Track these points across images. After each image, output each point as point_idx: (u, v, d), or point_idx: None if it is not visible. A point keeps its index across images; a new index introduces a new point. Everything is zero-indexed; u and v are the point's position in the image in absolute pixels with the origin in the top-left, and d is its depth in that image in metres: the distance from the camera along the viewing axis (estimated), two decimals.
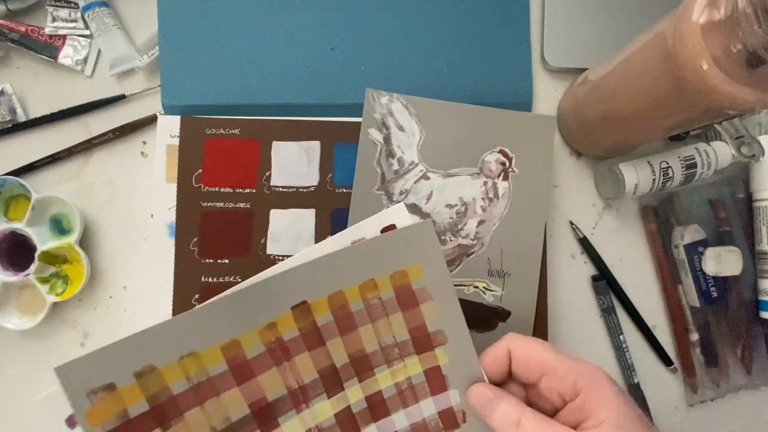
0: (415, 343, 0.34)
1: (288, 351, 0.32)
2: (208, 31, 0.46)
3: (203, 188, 0.45)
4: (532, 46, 0.48)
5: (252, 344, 0.31)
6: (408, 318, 0.33)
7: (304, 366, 0.32)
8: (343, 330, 0.33)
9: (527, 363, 0.32)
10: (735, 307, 0.47)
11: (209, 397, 0.30)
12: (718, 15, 0.29)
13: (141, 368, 0.28)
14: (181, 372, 0.29)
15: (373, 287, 0.33)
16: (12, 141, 0.47)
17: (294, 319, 0.31)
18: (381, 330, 0.33)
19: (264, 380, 0.31)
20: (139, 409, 0.28)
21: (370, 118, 0.45)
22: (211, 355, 0.30)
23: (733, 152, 0.44)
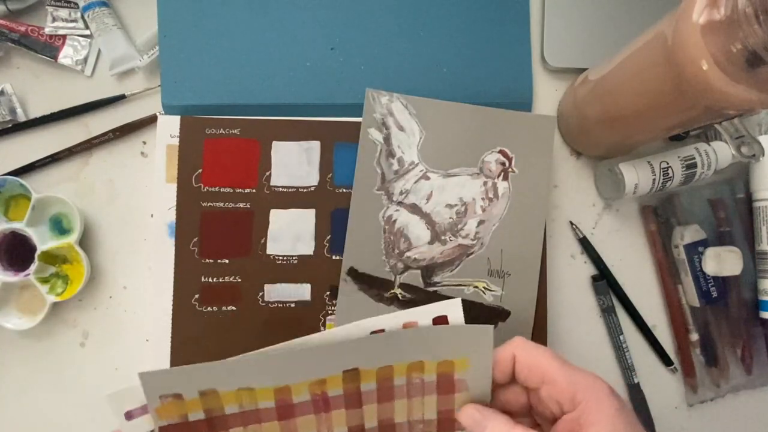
0: (439, 423, 0.36)
1: (329, 404, 0.35)
2: (208, 31, 0.46)
3: (203, 188, 0.45)
4: (532, 46, 0.48)
5: (300, 392, 0.34)
6: (441, 401, 0.36)
7: (338, 420, 0.36)
8: (381, 398, 0.36)
9: (530, 370, 0.32)
10: (735, 307, 0.47)
11: (253, 423, 0.35)
12: (718, 15, 0.29)
13: (205, 389, 0.33)
14: (235, 399, 0.34)
15: (420, 368, 0.35)
16: (12, 141, 0.47)
17: (343, 380, 0.35)
18: (414, 406, 0.36)
19: (301, 422, 0.35)
20: (196, 417, 0.34)
21: (370, 118, 0.45)
22: (264, 393, 0.34)
23: (733, 152, 0.44)
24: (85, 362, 0.46)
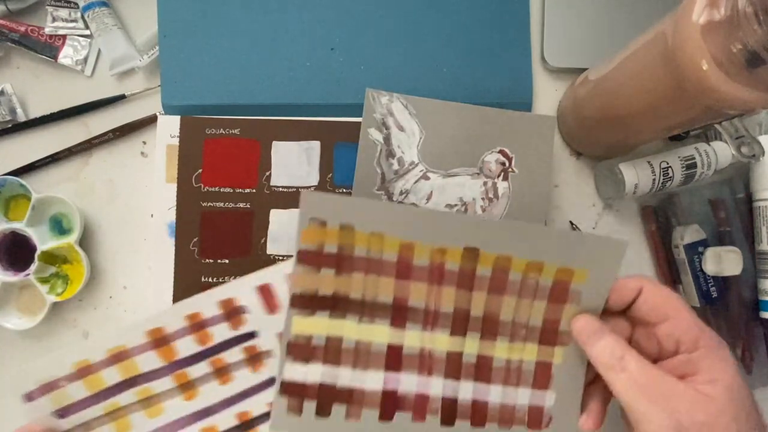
0: (542, 332, 0.37)
1: (443, 277, 0.36)
2: (208, 31, 0.46)
3: (203, 188, 0.45)
4: (532, 46, 0.48)
5: (422, 255, 0.36)
6: (549, 309, 0.37)
7: (447, 297, 0.37)
8: (492, 289, 0.37)
9: (657, 304, 0.33)
10: (735, 307, 0.47)
11: (373, 273, 0.36)
12: (718, 15, 0.29)
13: (346, 223, 0.36)
14: (366, 242, 0.36)
15: (538, 268, 0.36)
16: (12, 141, 0.47)
17: (461, 256, 0.36)
18: (522, 307, 0.37)
19: (414, 287, 0.37)
20: (330, 249, 0.36)
21: (370, 118, 0.45)
22: (392, 243, 0.36)
23: (733, 152, 0.44)
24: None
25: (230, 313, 0.37)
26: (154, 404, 0.37)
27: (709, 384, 0.30)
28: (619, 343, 0.32)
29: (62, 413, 0.35)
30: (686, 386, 0.30)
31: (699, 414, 0.29)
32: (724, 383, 0.30)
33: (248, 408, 0.38)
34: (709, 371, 0.30)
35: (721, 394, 0.29)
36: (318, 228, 0.36)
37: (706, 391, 0.30)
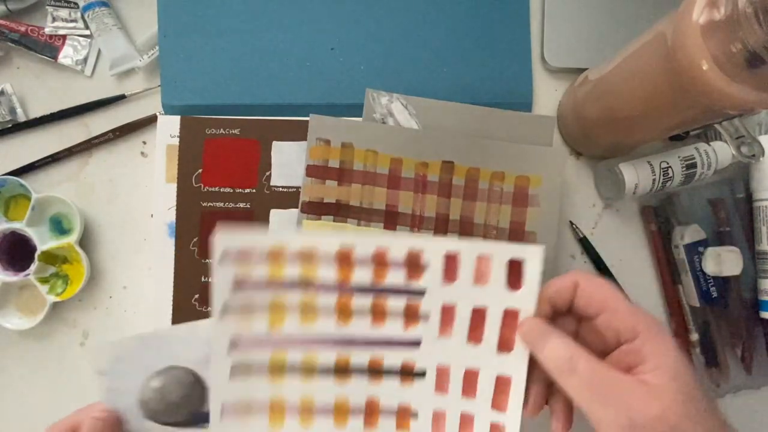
0: (510, 233, 0.44)
1: (425, 187, 0.44)
2: (208, 31, 0.46)
3: (203, 188, 0.45)
4: (532, 46, 0.48)
5: (408, 168, 0.44)
6: (515, 213, 0.44)
7: (429, 204, 0.45)
8: (466, 196, 0.45)
9: (591, 296, 0.32)
10: (735, 307, 0.47)
11: (368, 184, 0.44)
12: (718, 15, 0.29)
13: (346, 141, 0.44)
14: (363, 158, 0.44)
15: (500, 177, 0.44)
16: (12, 141, 0.47)
17: (440, 168, 0.44)
18: (491, 211, 0.44)
19: (402, 195, 0.45)
20: (334, 164, 0.44)
21: (370, 118, 0.45)
22: (384, 159, 0.44)
23: (733, 152, 0.44)
24: (85, 362, 0.46)
25: (412, 265, 0.37)
26: (310, 314, 0.37)
27: (654, 372, 0.30)
28: (566, 343, 0.31)
29: (238, 285, 0.36)
30: (634, 381, 0.30)
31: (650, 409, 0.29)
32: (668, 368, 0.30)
33: (382, 357, 0.37)
34: (651, 358, 0.30)
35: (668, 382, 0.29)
36: (323, 146, 0.44)
37: (651, 381, 0.30)
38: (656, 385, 0.29)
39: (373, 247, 0.36)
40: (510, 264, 0.35)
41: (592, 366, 0.30)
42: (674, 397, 0.29)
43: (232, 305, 0.36)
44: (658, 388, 0.29)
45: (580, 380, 0.30)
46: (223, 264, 0.35)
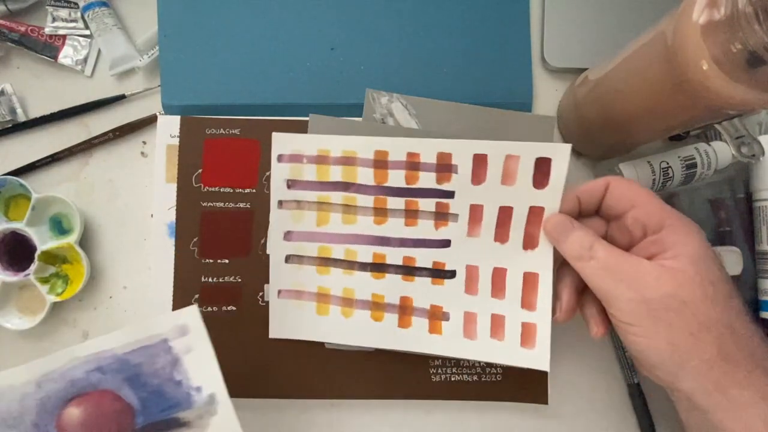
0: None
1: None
2: (208, 31, 0.46)
3: (203, 188, 0.45)
4: (532, 46, 0.48)
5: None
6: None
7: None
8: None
9: (622, 195, 0.34)
10: None
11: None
12: (718, 15, 0.29)
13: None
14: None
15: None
16: (12, 141, 0.47)
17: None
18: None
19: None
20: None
21: (370, 119, 0.45)
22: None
23: (733, 152, 0.44)
24: None
25: (442, 167, 0.40)
26: (352, 213, 0.41)
27: (674, 258, 0.31)
28: (587, 234, 0.33)
29: (291, 184, 0.42)
30: (651, 263, 0.31)
31: (664, 287, 0.30)
32: (689, 255, 0.30)
33: (415, 255, 0.41)
34: (674, 247, 0.31)
35: (686, 265, 0.30)
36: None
37: (670, 265, 0.30)
38: (673, 267, 0.30)
39: (405, 152, 0.40)
40: (537, 162, 0.37)
41: (611, 252, 0.32)
42: (690, 278, 0.30)
43: (286, 200, 0.42)
44: (674, 270, 0.30)
45: (596, 263, 0.32)
46: (278, 163, 0.42)
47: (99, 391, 0.31)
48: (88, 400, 0.31)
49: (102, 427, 0.31)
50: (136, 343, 0.32)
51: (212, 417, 0.32)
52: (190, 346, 0.33)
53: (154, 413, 0.32)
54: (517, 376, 0.44)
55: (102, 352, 0.32)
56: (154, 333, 0.32)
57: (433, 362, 0.44)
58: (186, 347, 0.33)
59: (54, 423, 0.31)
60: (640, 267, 0.31)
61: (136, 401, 0.32)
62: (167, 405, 0.32)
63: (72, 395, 0.31)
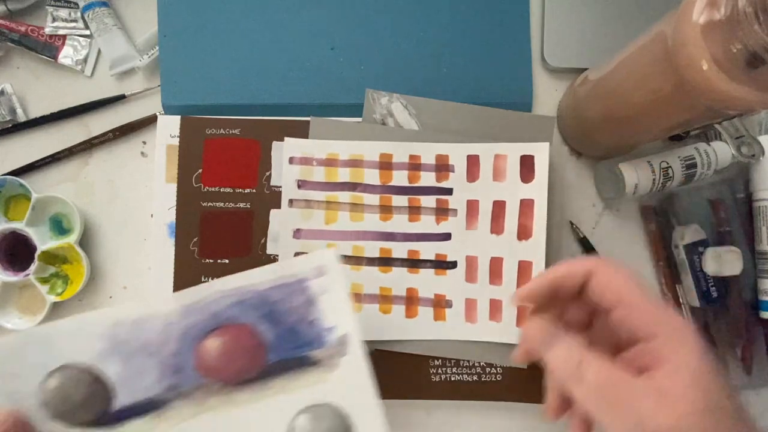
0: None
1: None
2: (208, 31, 0.46)
3: (203, 188, 0.45)
4: (532, 46, 0.48)
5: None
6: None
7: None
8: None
9: (607, 286, 0.29)
10: (735, 307, 0.47)
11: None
12: (718, 15, 0.29)
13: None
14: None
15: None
16: (12, 141, 0.47)
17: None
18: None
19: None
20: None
21: (370, 119, 0.45)
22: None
23: (733, 152, 0.44)
24: None
25: (440, 167, 0.44)
26: (359, 211, 0.44)
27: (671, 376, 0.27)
28: (573, 348, 0.29)
29: (301, 184, 0.44)
30: (647, 386, 0.27)
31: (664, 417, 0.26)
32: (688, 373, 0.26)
33: (419, 248, 0.43)
34: (670, 360, 0.27)
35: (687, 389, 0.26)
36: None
37: (668, 387, 0.26)
38: (671, 391, 0.26)
39: (407, 154, 0.44)
40: (522, 160, 0.43)
41: (602, 371, 0.28)
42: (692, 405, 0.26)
43: (296, 199, 0.44)
44: (674, 395, 0.26)
45: (587, 387, 0.28)
46: (290, 165, 0.44)
47: (237, 325, 0.32)
48: (226, 333, 0.32)
49: (237, 360, 0.32)
50: (275, 281, 0.33)
51: (342, 357, 0.33)
52: (326, 288, 0.33)
53: (286, 350, 0.33)
54: (517, 376, 0.44)
55: (244, 287, 0.33)
56: (293, 272, 0.33)
57: (433, 362, 0.44)
58: (322, 288, 0.33)
59: (192, 353, 0.32)
60: (635, 391, 0.27)
61: (270, 337, 0.32)
62: (299, 343, 0.33)
63: (212, 327, 0.32)
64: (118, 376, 0.32)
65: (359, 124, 0.45)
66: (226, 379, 0.32)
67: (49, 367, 0.31)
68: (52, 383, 0.31)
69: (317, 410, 0.32)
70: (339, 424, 0.32)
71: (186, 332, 0.32)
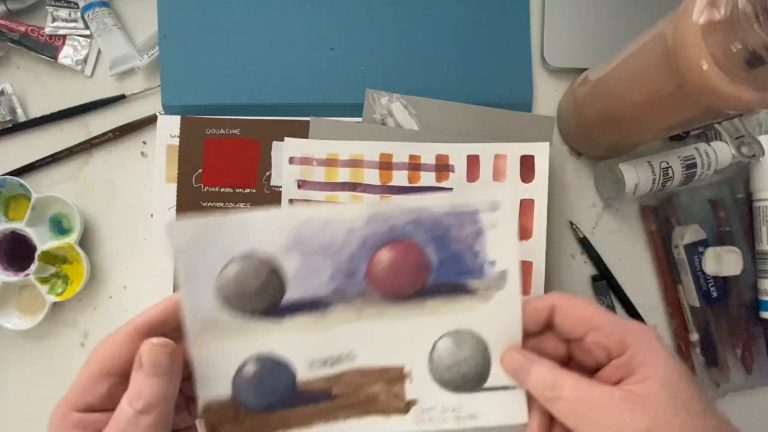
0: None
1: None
2: (208, 31, 0.46)
3: (203, 188, 0.45)
4: (532, 46, 0.48)
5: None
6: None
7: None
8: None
9: (572, 317, 0.31)
10: (735, 307, 0.47)
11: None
12: (718, 15, 0.29)
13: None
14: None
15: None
16: (12, 141, 0.47)
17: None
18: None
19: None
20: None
21: (370, 119, 0.45)
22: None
23: (733, 152, 0.44)
24: None
25: (440, 167, 0.44)
26: None
27: (643, 382, 0.29)
28: (548, 369, 0.31)
29: (301, 184, 0.44)
30: (621, 394, 0.29)
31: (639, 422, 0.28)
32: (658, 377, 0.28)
33: None
34: (640, 369, 0.29)
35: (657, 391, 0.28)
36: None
37: (640, 392, 0.28)
38: (644, 395, 0.28)
39: (407, 154, 0.44)
40: (522, 160, 0.42)
41: (578, 387, 0.29)
42: (664, 406, 0.28)
43: (296, 198, 0.44)
44: (647, 399, 0.28)
45: (566, 404, 0.30)
46: (290, 165, 0.44)
47: (408, 242, 0.33)
48: (398, 247, 0.33)
49: (402, 275, 0.33)
50: (451, 208, 0.33)
51: (498, 291, 0.33)
52: (496, 222, 0.33)
53: (447, 275, 0.34)
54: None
55: (422, 208, 0.33)
56: (469, 202, 0.33)
57: None
58: (492, 222, 0.33)
59: (366, 260, 0.33)
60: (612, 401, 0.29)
61: (435, 260, 0.33)
62: (460, 270, 0.34)
63: (387, 240, 0.33)
64: (294, 271, 0.33)
65: (359, 124, 0.45)
66: (388, 291, 0.33)
67: (233, 252, 0.32)
68: (233, 268, 0.32)
69: (461, 336, 0.34)
70: (478, 353, 0.33)
71: (365, 240, 0.33)
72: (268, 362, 0.33)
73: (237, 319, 0.32)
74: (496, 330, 0.33)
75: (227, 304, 0.32)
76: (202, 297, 0.32)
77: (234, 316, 0.32)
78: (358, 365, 0.34)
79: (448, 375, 0.34)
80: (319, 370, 0.33)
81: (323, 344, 0.33)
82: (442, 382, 0.34)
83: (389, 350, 0.34)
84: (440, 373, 0.34)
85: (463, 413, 0.34)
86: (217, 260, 0.32)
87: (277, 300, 0.33)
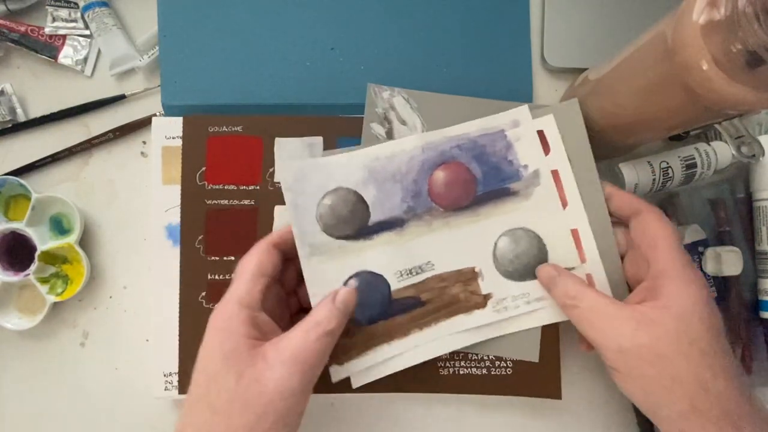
0: None
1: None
2: (208, 31, 0.46)
3: (207, 186, 0.45)
4: (532, 46, 0.48)
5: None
6: None
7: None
8: None
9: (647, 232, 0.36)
10: (735, 307, 0.47)
11: None
12: (718, 15, 0.29)
13: None
14: None
15: None
16: (12, 141, 0.47)
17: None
18: None
19: None
20: None
21: (372, 113, 0.45)
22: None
23: (733, 152, 0.44)
24: (85, 362, 0.46)
25: None
26: None
27: (660, 309, 0.31)
28: (573, 283, 0.35)
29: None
30: (632, 311, 0.32)
31: (639, 338, 0.30)
32: (677, 308, 0.31)
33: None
34: (666, 297, 0.31)
35: (668, 320, 0.30)
36: None
37: (653, 315, 0.31)
38: (654, 319, 0.31)
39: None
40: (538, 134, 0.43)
41: (594, 300, 0.33)
42: (668, 331, 0.30)
43: None
44: (654, 321, 0.31)
45: (580, 312, 0.34)
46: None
47: (456, 163, 0.42)
48: (449, 167, 0.41)
49: (456, 189, 0.41)
50: (482, 131, 0.42)
51: (536, 188, 0.41)
52: (520, 136, 0.42)
53: (492, 183, 0.42)
54: (527, 370, 0.43)
55: (461, 135, 0.42)
56: (495, 124, 0.42)
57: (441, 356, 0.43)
58: (516, 136, 0.42)
59: (426, 181, 0.41)
60: (621, 314, 0.32)
61: (479, 173, 0.42)
62: (501, 177, 0.42)
63: (440, 162, 0.42)
64: (374, 197, 0.41)
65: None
66: (447, 205, 0.41)
67: (326, 188, 0.41)
68: (327, 200, 0.40)
69: (516, 233, 0.41)
70: (534, 245, 0.40)
71: (423, 165, 0.42)
72: (368, 275, 0.40)
73: (336, 241, 0.40)
74: (543, 221, 0.41)
75: (327, 229, 0.40)
76: (307, 225, 0.40)
77: (333, 239, 0.40)
78: (437, 272, 0.41)
79: (512, 267, 0.40)
80: (406, 279, 0.40)
81: (406, 257, 0.40)
82: (507, 275, 0.40)
83: (459, 255, 0.41)
84: (504, 267, 0.40)
85: (532, 297, 0.40)
86: (315, 195, 0.41)
87: (364, 223, 0.41)
